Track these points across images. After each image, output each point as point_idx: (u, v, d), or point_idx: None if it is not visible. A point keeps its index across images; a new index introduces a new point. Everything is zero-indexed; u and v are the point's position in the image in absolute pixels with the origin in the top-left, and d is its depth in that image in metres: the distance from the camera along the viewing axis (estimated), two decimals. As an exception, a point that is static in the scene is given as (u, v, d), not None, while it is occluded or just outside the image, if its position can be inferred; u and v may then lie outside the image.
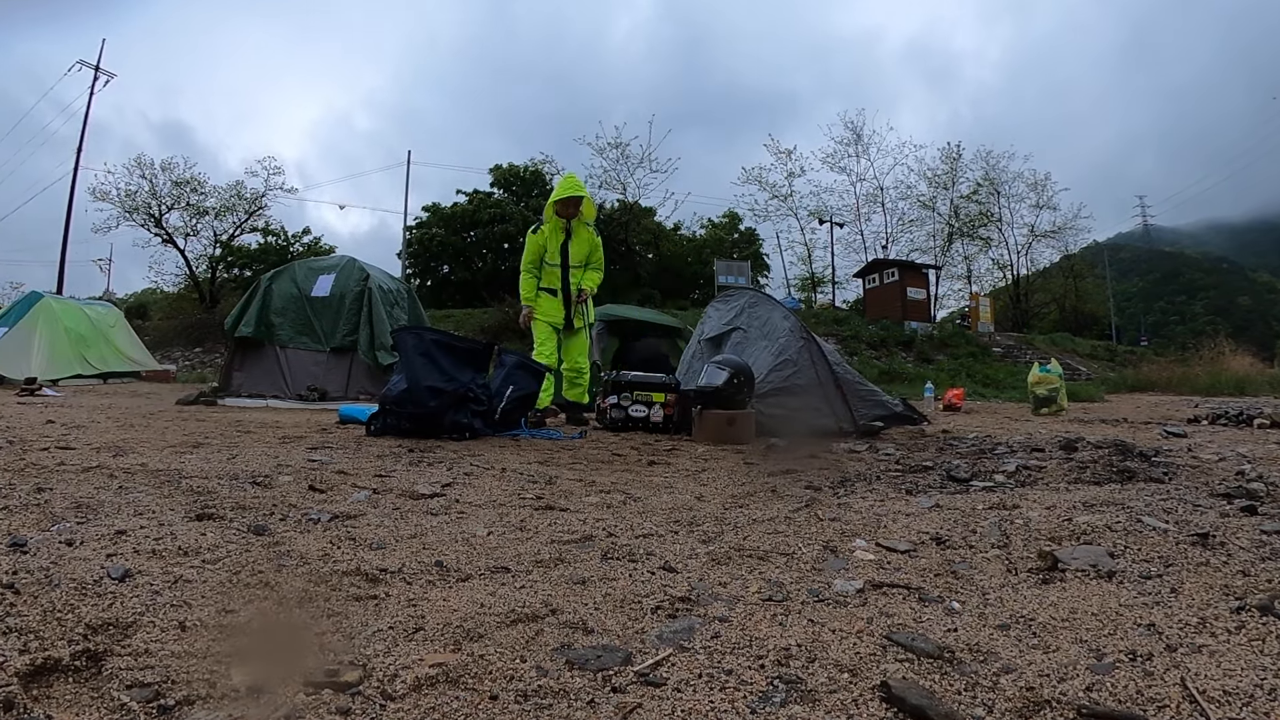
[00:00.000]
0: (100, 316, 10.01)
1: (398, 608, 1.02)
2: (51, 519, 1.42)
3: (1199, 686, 0.77)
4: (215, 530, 1.39)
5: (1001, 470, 2.37)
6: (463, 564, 1.26)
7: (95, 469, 2.04)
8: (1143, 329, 38.41)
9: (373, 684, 0.78)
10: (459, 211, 26.39)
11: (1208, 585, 1.11)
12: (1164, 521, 1.47)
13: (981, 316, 19.75)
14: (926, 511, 1.71)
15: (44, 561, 1.12)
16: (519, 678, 0.80)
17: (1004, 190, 26.56)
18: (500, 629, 0.95)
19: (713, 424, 3.63)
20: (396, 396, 3.40)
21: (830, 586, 1.16)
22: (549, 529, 1.55)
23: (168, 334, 18.24)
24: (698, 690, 0.78)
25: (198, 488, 1.82)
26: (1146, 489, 1.89)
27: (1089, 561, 1.22)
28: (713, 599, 1.09)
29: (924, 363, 15.02)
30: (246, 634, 0.91)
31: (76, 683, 0.76)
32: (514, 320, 15.55)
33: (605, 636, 0.94)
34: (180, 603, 0.99)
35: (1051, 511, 1.61)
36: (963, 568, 1.25)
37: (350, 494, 1.86)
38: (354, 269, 6.33)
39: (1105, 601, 1.05)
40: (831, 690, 0.78)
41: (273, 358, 6.18)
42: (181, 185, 23.73)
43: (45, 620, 0.90)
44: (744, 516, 1.70)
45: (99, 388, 8.38)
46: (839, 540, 1.45)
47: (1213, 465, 2.36)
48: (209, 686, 0.76)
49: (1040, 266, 29.10)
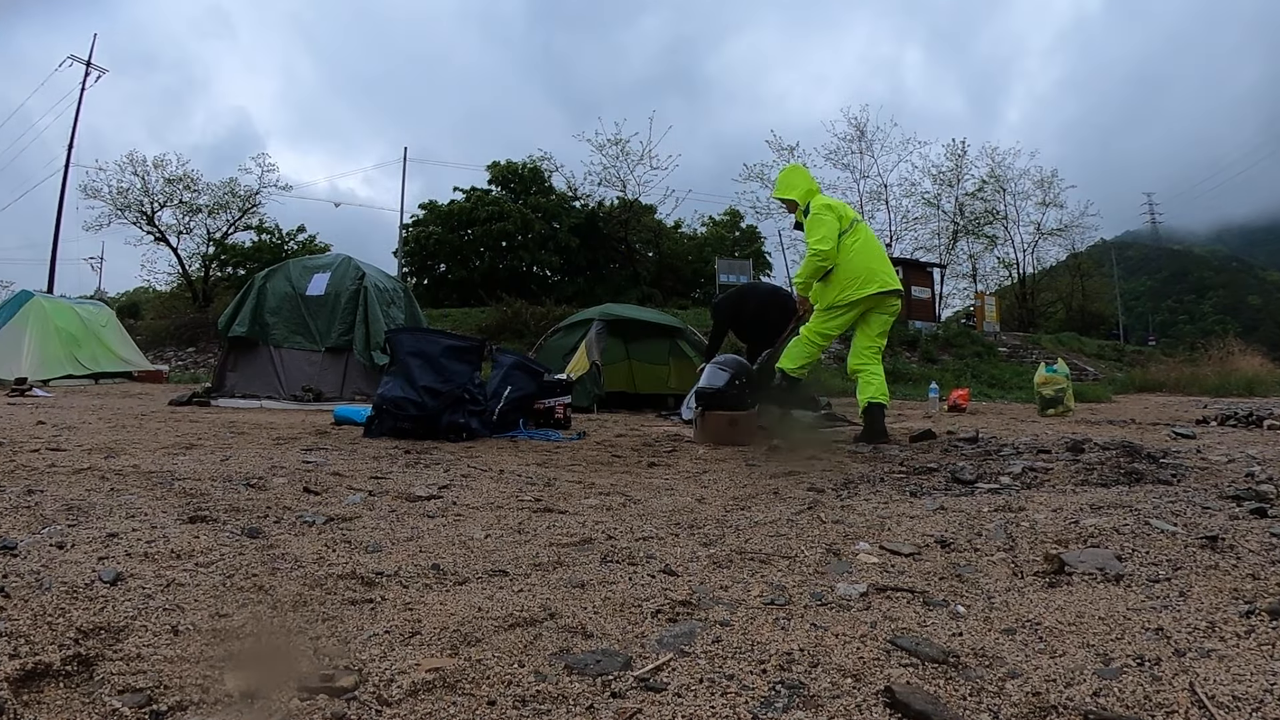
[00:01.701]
0: (92, 316, 10.01)
1: (394, 612, 1.02)
2: (42, 521, 1.42)
3: (1208, 692, 0.77)
4: (208, 533, 1.39)
5: (1007, 472, 2.37)
6: (460, 567, 1.26)
7: (86, 471, 2.05)
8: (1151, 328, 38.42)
9: (368, 689, 0.78)
10: (456, 209, 26.40)
11: (1217, 589, 1.11)
12: (1172, 524, 1.47)
13: (987, 316, 19.76)
14: (931, 514, 1.71)
15: (34, 565, 1.12)
16: (517, 683, 0.80)
17: (1010, 187, 26.58)
18: (498, 633, 0.95)
19: (714, 425, 3.63)
20: (393, 398, 3.40)
21: (833, 590, 1.16)
22: (548, 532, 1.55)
23: (160, 333, 18.23)
24: (699, 696, 0.78)
25: (190, 490, 1.82)
26: (1154, 491, 1.89)
27: (1096, 565, 1.22)
28: (714, 603, 1.09)
29: (929, 363, 15.02)
30: (240, 638, 0.91)
31: (68, 688, 0.76)
32: (511, 320, 15.60)
33: (605, 641, 0.94)
34: (173, 606, 0.99)
35: (1058, 514, 1.61)
36: (968, 571, 1.25)
37: (345, 496, 1.86)
38: (349, 267, 6.33)
39: (1113, 605, 1.05)
40: (835, 695, 0.78)
41: (267, 358, 6.18)
42: (174, 182, 23.76)
43: (36, 624, 0.90)
44: (746, 519, 1.70)
45: (90, 388, 8.38)
46: (842, 543, 1.45)
47: (1222, 467, 2.36)
48: (202, 692, 0.76)
49: (1047, 265, 29.13)
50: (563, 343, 6.88)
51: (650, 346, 7.75)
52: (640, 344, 7.78)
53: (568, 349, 6.66)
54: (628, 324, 7.10)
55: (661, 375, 7.73)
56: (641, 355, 7.88)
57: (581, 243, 26.63)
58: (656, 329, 7.49)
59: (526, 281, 24.19)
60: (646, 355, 7.83)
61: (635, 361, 7.92)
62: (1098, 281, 30.99)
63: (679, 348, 7.30)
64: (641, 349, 7.83)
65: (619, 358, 7.71)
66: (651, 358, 7.81)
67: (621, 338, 7.55)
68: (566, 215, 26.82)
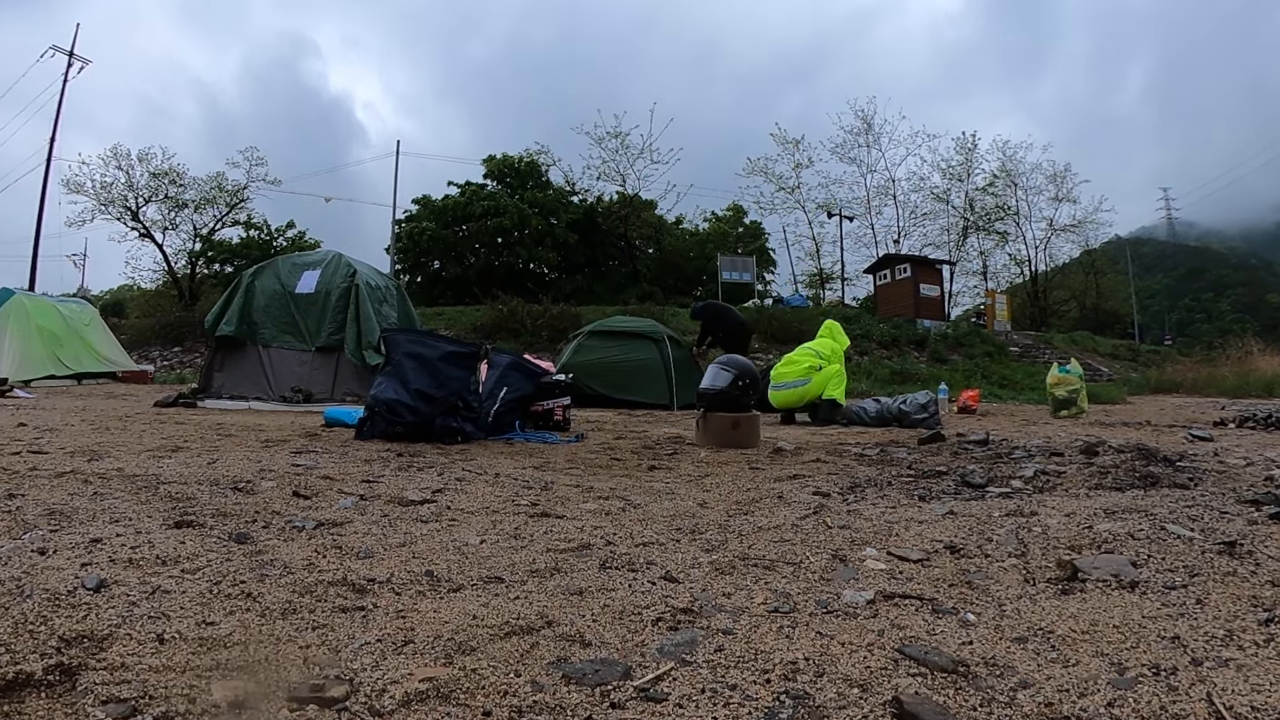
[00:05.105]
0: (74, 314, 10.02)
1: (386, 619, 1.02)
2: (23, 526, 1.42)
3: (1226, 702, 0.77)
4: (195, 538, 1.39)
5: (1019, 475, 2.37)
6: (454, 574, 1.26)
7: (69, 474, 2.05)
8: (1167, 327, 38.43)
9: (360, 699, 0.78)
10: (450, 204, 26.40)
11: (1235, 596, 1.11)
12: (1189, 529, 1.47)
13: (998, 314, 19.77)
14: (940, 519, 1.71)
15: (15, 571, 1.12)
16: (513, 693, 0.81)
17: (1021, 182, 26.61)
18: (494, 642, 0.95)
19: (716, 427, 3.63)
20: (386, 400, 3.40)
21: (839, 597, 1.16)
22: (545, 537, 1.55)
23: (145, 333, 18.24)
24: (700, 706, 0.78)
25: (176, 494, 1.82)
26: (1170, 495, 1.89)
27: (1110, 571, 1.22)
28: (716, 610, 1.09)
29: (938, 363, 15.03)
30: (227, 647, 0.91)
31: (49, 698, 0.76)
32: (507, 319, 15.61)
33: (604, 650, 0.94)
34: (158, 614, 0.99)
35: (1071, 519, 1.61)
36: (978, 577, 1.25)
37: (336, 500, 1.86)
38: (340, 264, 6.33)
39: (1127, 613, 1.05)
40: (841, 706, 0.78)
41: (255, 358, 6.17)
42: (159, 177, 23.78)
43: (17, 633, 0.90)
44: (749, 524, 1.70)
45: (73, 389, 8.38)
46: (848, 549, 1.45)
47: (1240, 470, 2.36)
48: (188, 702, 0.76)
49: (1059, 262, 29.16)
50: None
51: (636, 345, 7.98)
52: (626, 342, 8.02)
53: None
54: (611, 335, 7.52)
55: (651, 372, 7.89)
56: (628, 352, 8.03)
57: (580, 239, 26.65)
58: (641, 338, 7.97)
59: (523, 279, 24.22)
60: (634, 352, 8.00)
61: (622, 360, 8.07)
62: (1112, 279, 31.01)
63: (665, 355, 7.67)
64: (628, 346, 8.03)
65: (606, 356, 7.88)
66: (640, 353, 7.98)
67: (605, 339, 7.82)
68: (564, 211, 26.85)
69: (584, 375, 7.12)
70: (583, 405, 6.65)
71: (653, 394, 7.54)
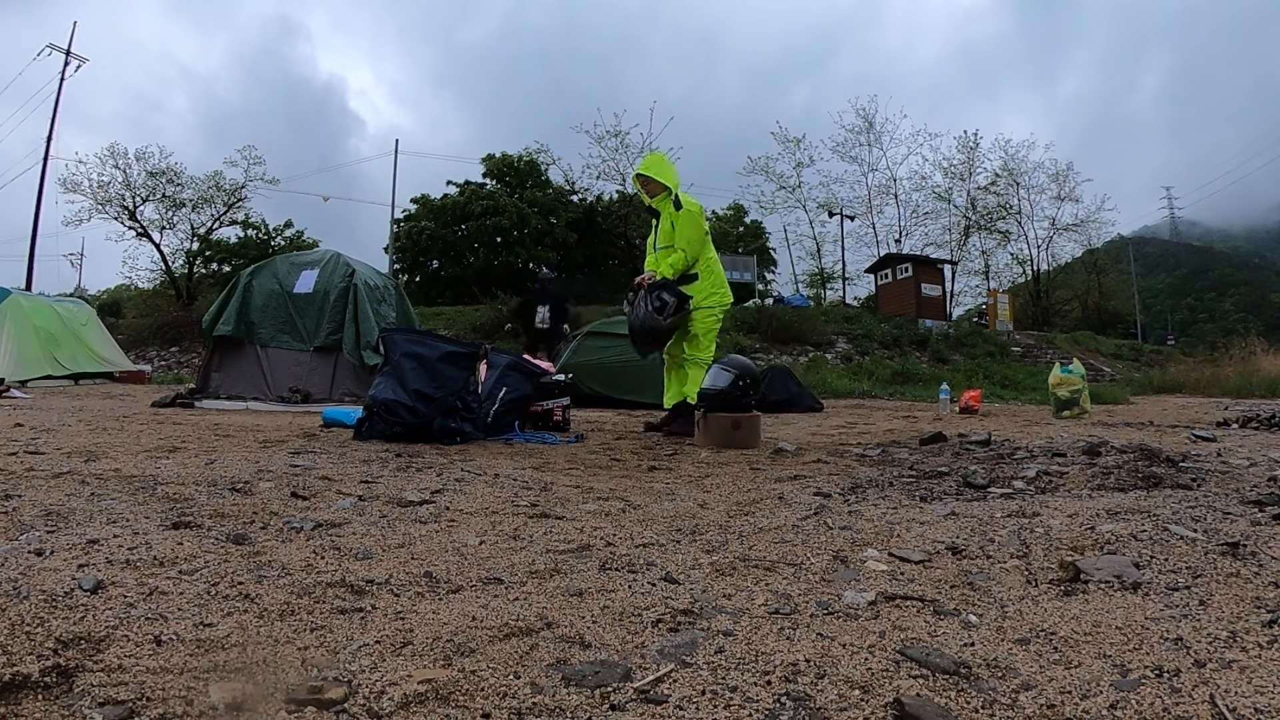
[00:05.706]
0: (71, 314, 10.02)
1: (385, 621, 1.02)
2: (20, 528, 1.42)
3: (1229, 704, 0.77)
4: (192, 539, 1.39)
5: (1021, 476, 2.37)
6: (453, 575, 1.26)
7: (66, 475, 2.05)
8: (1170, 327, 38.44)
9: (358, 701, 0.78)
10: (449, 203, 26.40)
11: (1238, 597, 1.11)
12: (1192, 530, 1.47)
13: (1000, 314, 19.79)
14: (942, 519, 1.72)
15: (12, 573, 1.12)
16: (512, 695, 0.81)
17: (1023, 181, 26.62)
18: (493, 643, 0.95)
19: (717, 427, 3.63)
20: (385, 400, 3.40)
21: (840, 599, 1.16)
22: (544, 538, 1.55)
23: (142, 333, 18.25)
24: (701, 708, 0.78)
25: (174, 494, 1.82)
26: (1173, 496, 1.89)
27: (1113, 572, 1.22)
28: (717, 612, 1.09)
29: (939, 363, 15.04)
30: (225, 649, 0.91)
31: (46, 700, 0.76)
32: (506, 319, 15.60)
33: (603, 651, 0.94)
34: (155, 615, 0.99)
35: (1073, 520, 1.61)
36: (980, 579, 1.25)
37: (335, 501, 1.86)
38: (339, 264, 6.33)
39: (1130, 614, 1.05)
40: (842, 708, 0.78)
41: (253, 358, 6.18)
42: (157, 176, 23.79)
43: (13, 634, 0.90)
44: (749, 525, 1.70)
45: (70, 389, 8.39)
46: (850, 550, 1.45)
47: (1243, 471, 2.36)
48: (185, 704, 0.76)
49: (1062, 262, 29.17)
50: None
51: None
52: (626, 342, 8.02)
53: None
54: (604, 338, 7.46)
55: (651, 372, 7.92)
56: (628, 352, 8.04)
57: (579, 238, 26.65)
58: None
59: (523, 278, 24.21)
60: (634, 352, 8.01)
61: (622, 360, 8.07)
62: (1115, 278, 31.03)
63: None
64: (628, 346, 8.03)
65: (606, 356, 7.87)
66: (634, 355, 8.00)
67: (605, 339, 7.76)
68: (564, 210, 26.83)
69: (584, 375, 7.11)
70: (583, 405, 6.65)
71: (653, 394, 7.54)
